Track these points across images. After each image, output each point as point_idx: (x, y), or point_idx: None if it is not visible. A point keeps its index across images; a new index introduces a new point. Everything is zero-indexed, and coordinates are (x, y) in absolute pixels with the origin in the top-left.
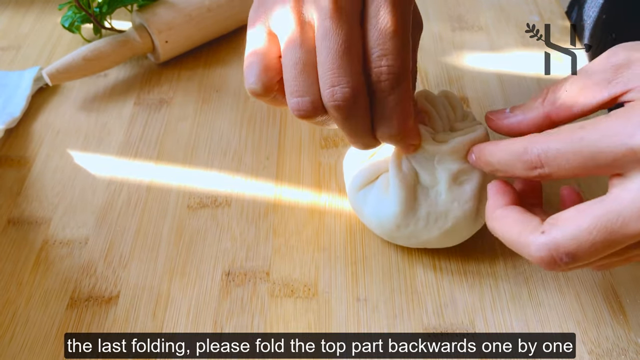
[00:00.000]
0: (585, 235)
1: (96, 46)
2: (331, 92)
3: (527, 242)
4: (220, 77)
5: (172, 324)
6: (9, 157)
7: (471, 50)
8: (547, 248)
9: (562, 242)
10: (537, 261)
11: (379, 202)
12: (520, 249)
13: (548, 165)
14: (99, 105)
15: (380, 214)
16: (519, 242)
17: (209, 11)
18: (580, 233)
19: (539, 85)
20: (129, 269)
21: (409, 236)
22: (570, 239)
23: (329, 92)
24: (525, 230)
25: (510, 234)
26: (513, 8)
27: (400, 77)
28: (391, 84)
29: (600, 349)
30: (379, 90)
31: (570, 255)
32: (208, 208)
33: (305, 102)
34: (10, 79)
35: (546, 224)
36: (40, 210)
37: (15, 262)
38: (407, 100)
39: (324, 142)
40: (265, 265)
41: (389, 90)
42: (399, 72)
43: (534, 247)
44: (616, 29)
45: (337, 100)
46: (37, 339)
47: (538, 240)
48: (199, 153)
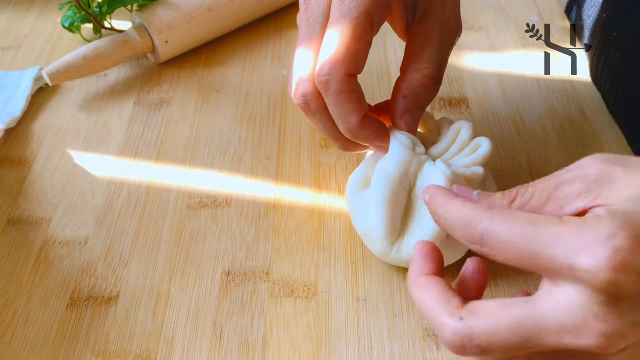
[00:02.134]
0: (501, 334)
1: (96, 46)
2: (290, 91)
3: (442, 322)
4: (220, 77)
5: (172, 324)
6: (9, 157)
7: (471, 51)
8: (460, 336)
9: (477, 334)
10: (447, 344)
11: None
12: (435, 326)
13: (488, 247)
14: (99, 105)
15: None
16: (436, 320)
17: (209, 11)
18: (495, 330)
19: (539, 85)
20: (129, 269)
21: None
22: (484, 334)
23: (289, 90)
24: (445, 310)
25: (429, 308)
26: (513, 8)
27: (329, 80)
28: (322, 86)
29: None
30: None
31: (481, 349)
32: (208, 208)
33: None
34: (10, 79)
35: (465, 310)
36: (40, 210)
37: (15, 262)
38: (341, 101)
39: (324, 142)
40: (265, 265)
41: (323, 91)
42: (329, 75)
43: (448, 331)
44: (617, 28)
45: (294, 98)
46: (37, 339)
47: (454, 326)
48: (199, 153)
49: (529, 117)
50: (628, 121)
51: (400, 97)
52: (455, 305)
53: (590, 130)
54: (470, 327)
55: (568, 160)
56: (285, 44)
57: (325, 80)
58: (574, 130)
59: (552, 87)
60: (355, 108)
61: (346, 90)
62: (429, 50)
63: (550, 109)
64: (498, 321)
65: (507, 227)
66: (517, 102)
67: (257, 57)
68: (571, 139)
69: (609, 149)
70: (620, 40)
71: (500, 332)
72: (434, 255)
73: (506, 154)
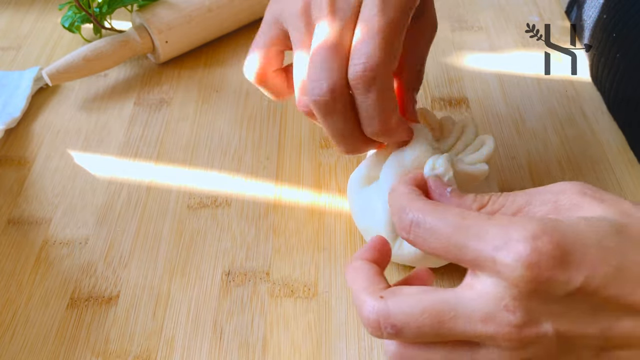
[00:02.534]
0: (416, 315)
1: (96, 46)
2: (311, 87)
3: (363, 300)
4: (220, 77)
5: (172, 324)
6: (9, 157)
7: (471, 51)
8: (376, 313)
9: (392, 313)
10: (364, 322)
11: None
12: (357, 305)
13: (414, 234)
14: (99, 105)
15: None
16: (358, 298)
17: (209, 11)
18: (411, 310)
19: (539, 85)
20: (129, 269)
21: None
22: (401, 313)
23: (310, 87)
24: (368, 289)
25: (355, 286)
26: (513, 8)
27: (374, 79)
28: (365, 85)
29: None
30: (355, 89)
31: (395, 328)
32: (208, 208)
33: (304, 99)
34: (10, 79)
35: (387, 291)
36: (40, 210)
37: (15, 262)
38: (385, 99)
39: (324, 142)
40: (265, 265)
41: (366, 88)
42: (373, 75)
43: (366, 308)
44: (616, 28)
45: (315, 95)
46: (37, 339)
47: (372, 303)
48: (199, 153)
49: (529, 117)
50: (628, 121)
51: (411, 91)
52: (379, 288)
53: (590, 130)
54: (387, 305)
55: (568, 160)
56: None
57: (371, 76)
58: (574, 130)
59: (552, 87)
60: (395, 106)
61: (390, 87)
62: (423, 50)
63: (550, 109)
64: (415, 302)
65: (436, 218)
66: (517, 102)
67: None
68: (571, 139)
69: (609, 149)
70: (620, 40)
71: (415, 312)
72: (380, 248)
73: (506, 153)
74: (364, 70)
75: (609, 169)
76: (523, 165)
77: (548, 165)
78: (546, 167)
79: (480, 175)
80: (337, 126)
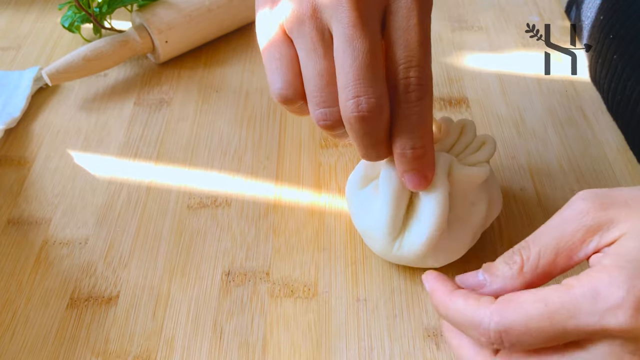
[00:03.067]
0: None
1: (96, 46)
2: (356, 103)
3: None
4: (220, 77)
5: (172, 324)
6: (9, 157)
7: (471, 51)
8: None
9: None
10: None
11: (367, 210)
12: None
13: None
14: (99, 105)
15: (368, 223)
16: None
17: (209, 11)
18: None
19: (539, 85)
20: (129, 269)
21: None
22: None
23: (352, 102)
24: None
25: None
26: (513, 8)
27: (427, 88)
28: (418, 95)
29: None
30: (405, 102)
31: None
32: (208, 208)
33: (333, 113)
34: (10, 79)
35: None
36: (40, 210)
37: (15, 262)
38: (430, 112)
39: (324, 142)
40: (265, 265)
41: (416, 101)
42: (427, 84)
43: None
44: (614, 29)
45: (363, 111)
46: (37, 339)
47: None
48: (199, 153)
49: (529, 117)
50: (627, 121)
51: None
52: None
53: (590, 130)
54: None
55: (568, 160)
56: None
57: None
58: (574, 130)
59: (552, 87)
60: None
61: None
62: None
63: (550, 109)
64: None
65: (520, 316)
66: (517, 102)
67: (257, 57)
68: (571, 139)
69: (609, 149)
70: (617, 41)
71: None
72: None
73: (506, 153)
74: (418, 83)
75: (608, 169)
76: (523, 165)
77: (548, 165)
78: (546, 167)
79: (481, 177)
80: (375, 138)
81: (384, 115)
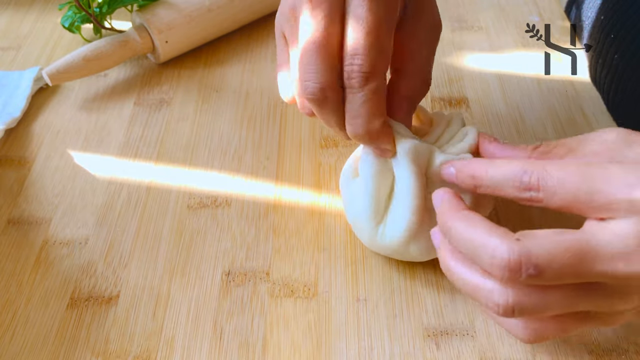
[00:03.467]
0: (561, 253)
1: (96, 46)
2: (303, 86)
3: (496, 245)
4: (220, 77)
5: (172, 324)
6: (9, 157)
7: (471, 51)
8: (518, 253)
9: (535, 252)
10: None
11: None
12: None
13: (544, 190)
14: (99, 105)
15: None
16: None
17: (209, 11)
18: (555, 249)
19: (539, 85)
20: (129, 269)
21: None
22: (545, 251)
23: (301, 85)
24: (497, 233)
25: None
26: (513, 8)
27: (369, 76)
28: (359, 82)
29: (601, 349)
30: (349, 88)
31: (538, 269)
32: (208, 208)
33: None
34: (10, 79)
35: (520, 234)
36: (40, 210)
37: (15, 262)
38: (374, 101)
39: (324, 142)
40: (265, 265)
41: (357, 88)
42: (369, 72)
43: (503, 252)
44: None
45: (307, 94)
46: (37, 339)
47: (510, 245)
48: (199, 153)
49: (529, 117)
50: (627, 121)
51: (403, 98)
52: (506, 230)
53: (590, 130)
54: (528, 245)
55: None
56: None
57: (366, 75)
58: (574, 130)
59: (552, 87)
60: (383, 111)
61: (381, 89)
62: (426, 53)
63: (550, 109)
64: (556, 242)
65: (562, 170)
66: (517, 102)
67: (257, 57)
68: None
69: None
70: (618, 41)
71: (559, 251)
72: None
73: None
74: (359, 70)
75: None
76: None
77: None
78: None
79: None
80: (332, 120)
81: (330, 100)
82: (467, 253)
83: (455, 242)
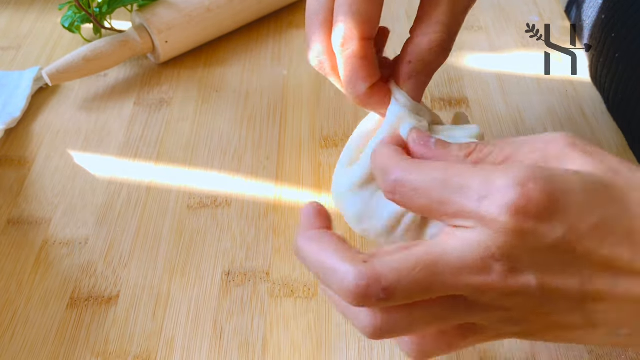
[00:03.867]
0: (409, 269)
1: (96, 46)
2: (309, 54)
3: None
4: (220, 77)
5: (172, 324)
6: (9, 157)
7: (471, 51)
8: (367, 276)
9: (383, 273)
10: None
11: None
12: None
13: (399, 195)
14: (99, 105)
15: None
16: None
17: (209, 11)
18: (403, 266)
19: (539, 85)
20: (129, 269)
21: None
22: (392, 270)
23: (309, 54)
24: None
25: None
26: (513, 8)
27: (343, 42)
28: (336, 46)
29: (601, 349)
30: (336, 53)
31: (387, 292)
32: (208, 208)
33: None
34: (10, 79)
35: (367, 255)
36: (40, 210)
37: (15, 262)
38: (354, 65)
39: (324, 142)
40: (265, 265)
41: (338, 54)
42: (343, 36)
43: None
44: (615, 29)
45: (309, 61)
46: (37, 339)
47: (358, 268)
48: (199, 153)
49: (529, 117)
50: (627, 121)
51: (405, 61)
52: (355, 252)
53: (590, 130)
54: (376, 267)
55: None
56: (285, 44)
57: (340, 42)
58: (574, 130)
59: (552, 87)
60: (367, 75)
61: (361, 55)
62: (439, 12)
63: (550, 109)
64: (404, 259)
65: (420, 175)
66: (517, 102)
67: (257, 57)
68: None
69: (609, 149)
70: (619, 41)
71: (407, 268)
72: (322, 213)
73: None
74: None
75: None
76: None
77: None
78: None
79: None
80: (338, 84)
81: (326, 65)
82: (317, 276)
83: (306, 264)
